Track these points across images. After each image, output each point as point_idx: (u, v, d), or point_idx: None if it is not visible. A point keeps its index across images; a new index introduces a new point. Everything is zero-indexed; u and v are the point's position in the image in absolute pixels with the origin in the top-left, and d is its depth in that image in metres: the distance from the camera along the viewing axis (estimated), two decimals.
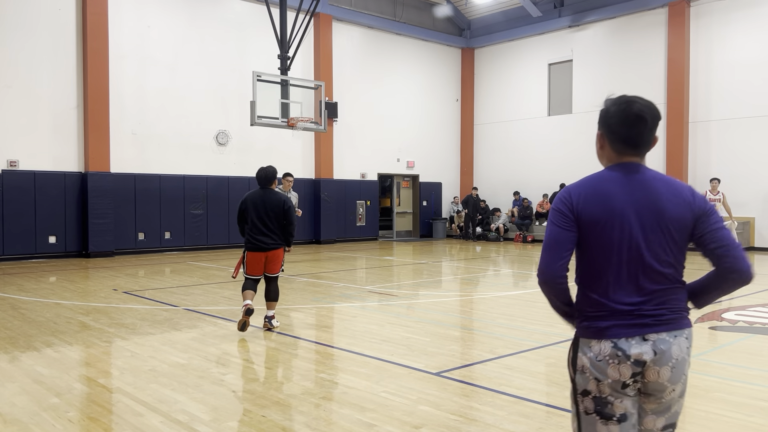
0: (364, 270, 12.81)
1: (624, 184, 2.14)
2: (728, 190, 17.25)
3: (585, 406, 2.16)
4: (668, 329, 2.10)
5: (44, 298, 8.92)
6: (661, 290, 2.12)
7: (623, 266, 2.11)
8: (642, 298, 2.10)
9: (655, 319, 2.09)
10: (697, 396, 4.49)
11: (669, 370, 2.08)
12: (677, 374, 2.10)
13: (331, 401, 4.40)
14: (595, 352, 2.10)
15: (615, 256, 2.11)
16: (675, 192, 2.13)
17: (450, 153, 23.52)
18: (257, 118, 13.13)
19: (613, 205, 2.10)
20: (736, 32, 17.15)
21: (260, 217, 6.67)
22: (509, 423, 3.95)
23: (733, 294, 9.29)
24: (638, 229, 2.09)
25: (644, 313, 2.09)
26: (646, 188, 2.13)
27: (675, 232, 2.12)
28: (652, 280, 2.11)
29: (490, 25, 22.87)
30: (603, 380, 2.09)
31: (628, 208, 2.10)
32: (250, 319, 6.54)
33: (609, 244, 2.10)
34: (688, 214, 2.12)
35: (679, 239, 2.14)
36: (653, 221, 2.10)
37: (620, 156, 2.22)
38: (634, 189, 2.13)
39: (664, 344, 2.08)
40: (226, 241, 17.47)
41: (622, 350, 2.06)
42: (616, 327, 2.09)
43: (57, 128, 14.86)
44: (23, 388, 4.67)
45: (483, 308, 8.29)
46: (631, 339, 2.07)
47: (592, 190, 2.15)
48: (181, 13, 16.74)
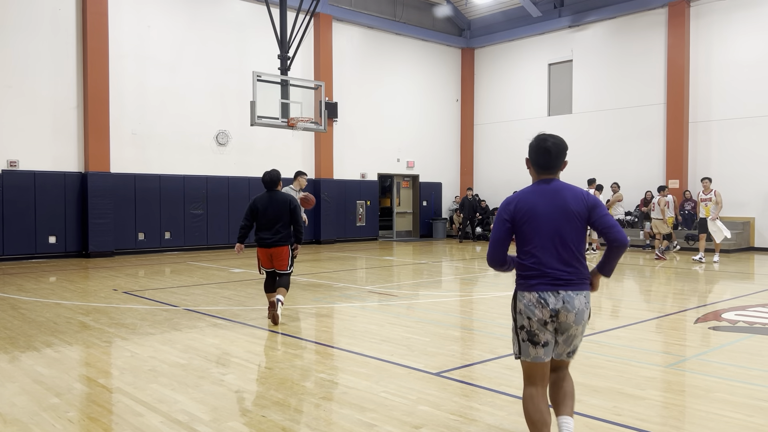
0: (364, 270, 12.81)
1: (543, 193, 3.23)
2: (728, 190, 17.26)
3: (521, 336, 3.22)
4: (573, 289, 3.16)
5: (44, 298, 8.92)
6: (571, 262, 3.17)
7: (548, 245, 3.16)
8: (558, 266, 3.15)
9: (565, 281, 3.15)
10: (697, 396, 4.50)
11: (573, 316, 3.16)
12: (579, 319, 3.17)
13: (331, 401, 4.40)
14: (527, 300, 3.18)
15: (542, 239, 3.16)
16: (575, 195, 3.22)
17: (450, 153, 23.52)
18: (257, 118, 13.13)
19: (537, 207, 3.19)
20: (736, 32, 17.15)
21: (267, 217, 7.23)
22: (509, 423, 3.95)
23: (734, 294, 9.30)
24: (555, 221, 3.16)
25: (559, 276, 3.15)
26: (557, 195, 3.21)
27: (577, 221, 3.18)
28: (566, 254, 3.16)
29: (490, 25, 22.87)
30: (532, 318, 3.16)
31: (548, 209, 3.18)
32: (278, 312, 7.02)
33: (537, 231, 3.17)
34: (584, 209, 3.19)
35: (581, 225, 3.21)
36: (563, 215, 3.17)
37: (539, 174, 3.31)
38: (549, 196, 3.21)
39: (569, 298, 3.15)
40: (226, 241, 17.47)
41: (544, 299, 3.14)
42: (540, 284, 3.15)
43: (57, 128, 14.87)
44: (23, 388, 4.67)
45: (483, 308, 8.29)
46: (549, 292, 3.14)
47: (523, 200, 3.24)
48: (181, 13, 16.74)
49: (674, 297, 9.36)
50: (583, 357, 5.56)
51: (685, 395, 4.61)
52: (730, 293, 9.46)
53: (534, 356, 3.18)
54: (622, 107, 19.37)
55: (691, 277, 11.67)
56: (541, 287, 3.13)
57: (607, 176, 18.49)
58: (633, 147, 19.11)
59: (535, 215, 3.17)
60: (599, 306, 8.63)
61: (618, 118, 19.47)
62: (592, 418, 3.99)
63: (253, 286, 10.17)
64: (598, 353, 5.69)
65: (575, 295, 3.14)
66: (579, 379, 4.87)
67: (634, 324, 7.17)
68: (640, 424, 3.90)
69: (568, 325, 3.16)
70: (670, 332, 6.86)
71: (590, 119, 20.18)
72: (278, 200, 7.25)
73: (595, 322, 7.38)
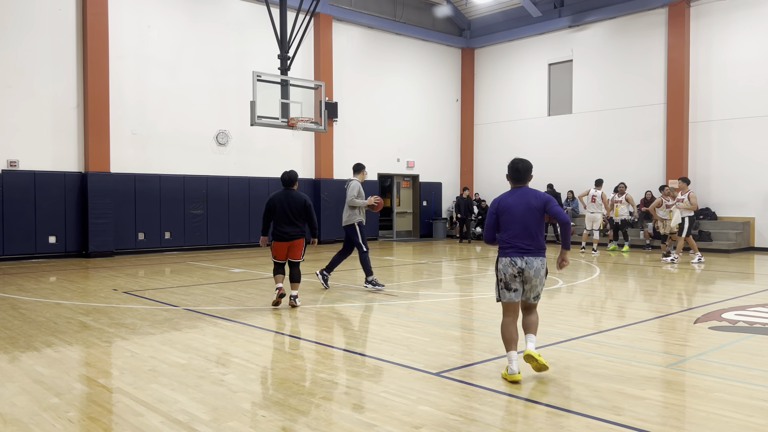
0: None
1: (515, 195, 5.07)
2: (728, 190, 17.29)
3: (500, 285, 5.02)
4: (533, 255, 4.94)
5: (44, 298, 8.92)
6: (532, 238, 4.94)
7: (518, 228, 4.95)
8: (524, 241, 4.93)
9: (527, 251, 4.92)
10: (697, 396, 4.50)
11: (532, 272, 4.92)
12: (536, 274, 4.93)
13: (331, 401, 4.40)
14: (503, 263, 4.98)
15: (514, 225, 4.97)
16: (535, 196, 5.02)
17: (450, 153, 23.52)
18: (257, 118, 13.13)
19: (511, 205, 5.02)
20: (736, 32, 17.15)
21: (285, 213, 7.98)
22: (509, 423, 3.95)
23: (734, 294, 9.30)
24: (522, 213, 4.96)
25: (522, 247, 4.93)
26: (524, 196, 5.03)
27: (537, 212, 4.96)
28: (530, 234, 4.95)
29: (490, 25, 22.87)
30: (507, 273, 4.95)
31: (518, 206, 4.99)
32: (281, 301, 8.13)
33: (511, 220, 4.98)
34: (541, 203, 4.96)
35: (539, 215, 4.97)
36: (528, 209, 4.96)
37: (513, 184, 5.17)
38: (519, 197, 5.04)
39: (530, 260, 4.92)
40: (226, 241, 17.48)
41: (514, 261, 4.92)
42: (512, 252, 4.95)
43: (57, 128, 14.87)
44: (23, 388, 4.67)
45: (483, 308, 8.28)
46: (516, 257, 4.92)
47: (503, 200, 5.10)
48: (181, 13, 16.74)
49: (674, 297, 9.36)
50: (583, 357, 5.57)
51: (685, 395, 4.61)
52: (730, 293, 9.46)
53: (508, 298, 5.00)
54: (622, 107, 19.37)
55: (691, 277, 11.67)
56: (512, 253, 4.95)
57: (607, 176, 18.49)
58: (633, 147, 19.11)
59: (510, 209, 5.02)
60: (599, 306, 8.64)
61: (618, 118, 19.47)
62: (592, 418, 3.99)
63: (253, 286, 10.17)
64: (598, 353, 5.70)
65: (534, 259, 4.94)
66: (579, 379, 4.87)
67: (634, 324, 7.16)
68: (640, 424, 3.90)
69: (530, 278, 4.94)
70: (670, 332, 6.86)
71: (590, 119, 20.18)
72: (295, 199, 8.05)
73: (596, 322, 7.38)
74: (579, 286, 10.40)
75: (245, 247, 17.87)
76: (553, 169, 20.38)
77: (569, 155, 20.53)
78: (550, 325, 6.93)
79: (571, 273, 11.96)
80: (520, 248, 4.91)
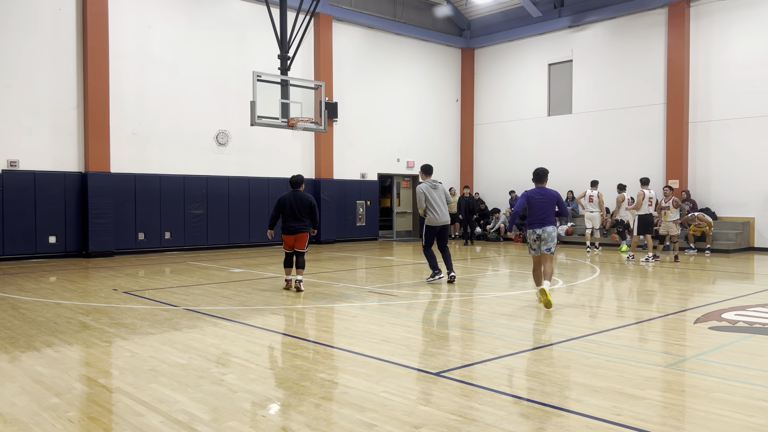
0: (364, 270, 12.82)
1: (538, 192, 8.40)
2: (728, 190, 17.28)
3: (529, 247, 8.45)
4: (546, 225, 8.29)
5: (44, 298, 8.92)
6: (545, 218, 8.28)
7: (539, 213, 8.30)
8: (540, 218, 8.28)
9: (543, 223, 8.28)
10: (696, 396, 4.50)
11: (546, 234, 8.27)
12: (549, 236, 8.27)
13: (331, 401, 4.40)
14: (529, 233, 8.38)
15: (536, 210, 8.32)
16: (551, 192, 8.42)
17: (450, 153, 23.52)
18: (257, 118, 13.13)
19: (535, 197, 8.35)
20: (736, 32, 17.15)
21: (292, 210, 9.48)
22: (509, 423, 3.95)
23: (734, 294, 9.30)
24: (542, 203, 8.32)
25: (542, 220, 8.29)
26: (544, 192, 8.40)
27: (551, 203, 8.35)
28: (546, 215, 8.29)
29: (490, 25, 22.87)
30: (531, 239, 8.38)
31: (539, 198, 8.34)
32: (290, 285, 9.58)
33: (535, 206, 8.32)
34: (554, 199, 8.38)
35: (553, 205, 8.35)
36: (546, 200, 8.34)
37: (537, 183, 8.49)
38: (540, 193, 8.38)
39: (545, 228, 8.28)
40: (226, 241, 17.48)
41: (535, 231, 8.31)
42: (535, 226, 8.32)
43: (57, 128, 14.87)
44: (23, 388, 4.67)
45: (483, 308, 8.29)
46: (538, 228, 8.29)
47: (531, 194, 8.37)
48: (181, 13, 16.74)
49: (674, 297, 9.36)
50: (583, 357, 5.57)
51: (684, 395, 4.61)
52: (729, 293, 9.46)
53: (532, 254, 8.34)
54: (621, 107, 19.37)
55: (691, 277, 11.67)
56: (535, 226, 8.24)
57: (607, 176, 18.49)
58: (633, 147, 19.11)
59: (534, 200, 8.25)
60: (599, 306, 8.64)
61: (618, 118, 19.48)
62: (592, 418, 3.99)
63: (253, 285, 10.17)
64: (598, 353, 5.70)
65: (549, 228, 8.21)
66: (579, 379, 4.87)
67: (634, 324, 7.17)
68: (640, 424, 3.90)
69: (544, 239, 8.19)
70: (670, 332, 6.87)
71: (590, 119, 20.18)
72: (302, 199, 9.53)
73: (595, 322, 7.38)
74: (579, 286, 10.41)
75: (245, 247, 17.87)
76: (553, 169, 20.21)
77: (569, 155, 20.52)
78: (550, 325, 6.93)
79: (571, 273, 11.97)
80: (539, 222, 8.19)
